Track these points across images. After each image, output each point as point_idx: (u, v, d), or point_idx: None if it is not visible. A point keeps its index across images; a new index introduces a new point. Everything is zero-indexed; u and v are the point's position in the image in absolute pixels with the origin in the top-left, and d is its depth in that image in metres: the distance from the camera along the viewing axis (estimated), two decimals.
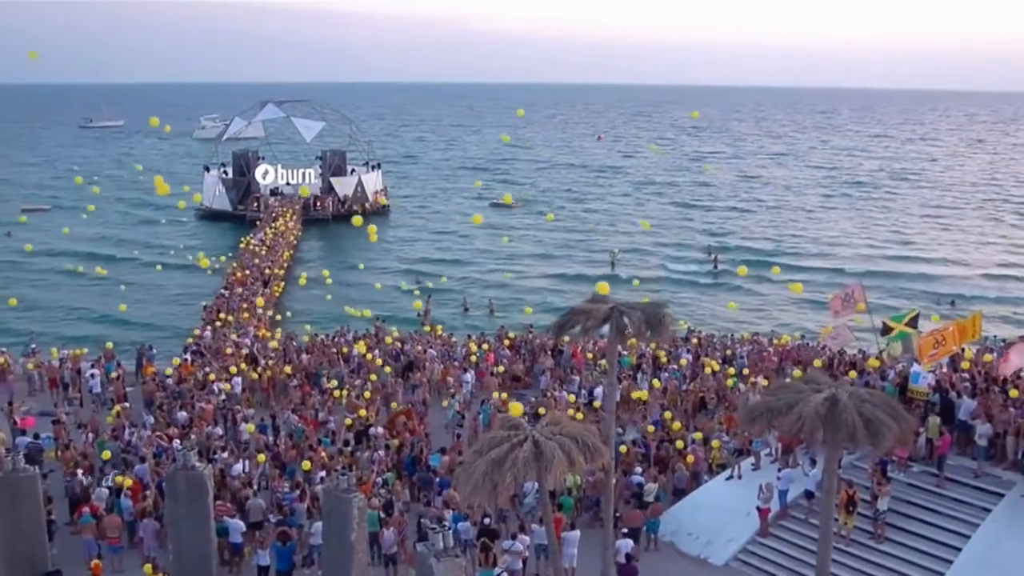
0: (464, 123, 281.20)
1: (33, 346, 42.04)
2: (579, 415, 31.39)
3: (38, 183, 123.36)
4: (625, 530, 24.12)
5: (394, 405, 34.48)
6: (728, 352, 41.89)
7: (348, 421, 31.73)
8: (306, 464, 26.89)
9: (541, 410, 30.13)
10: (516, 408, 24.69)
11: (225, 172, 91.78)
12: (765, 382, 34.82)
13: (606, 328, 22.61)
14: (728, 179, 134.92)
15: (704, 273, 72.85)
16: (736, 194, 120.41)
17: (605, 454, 20.77)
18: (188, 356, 39.77)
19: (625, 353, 39.19)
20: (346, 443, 29.48)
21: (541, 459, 18.99)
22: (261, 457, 28.19)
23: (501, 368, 38.98)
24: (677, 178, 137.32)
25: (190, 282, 64.37)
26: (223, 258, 59.71)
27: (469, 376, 37.89)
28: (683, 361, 39.55)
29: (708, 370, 37.39)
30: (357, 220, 40.41)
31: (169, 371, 37.96)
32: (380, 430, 30.86)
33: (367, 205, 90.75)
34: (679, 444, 29.28)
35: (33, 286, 64.15)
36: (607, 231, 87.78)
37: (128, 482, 25.68)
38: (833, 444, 19.05)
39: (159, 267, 63.17)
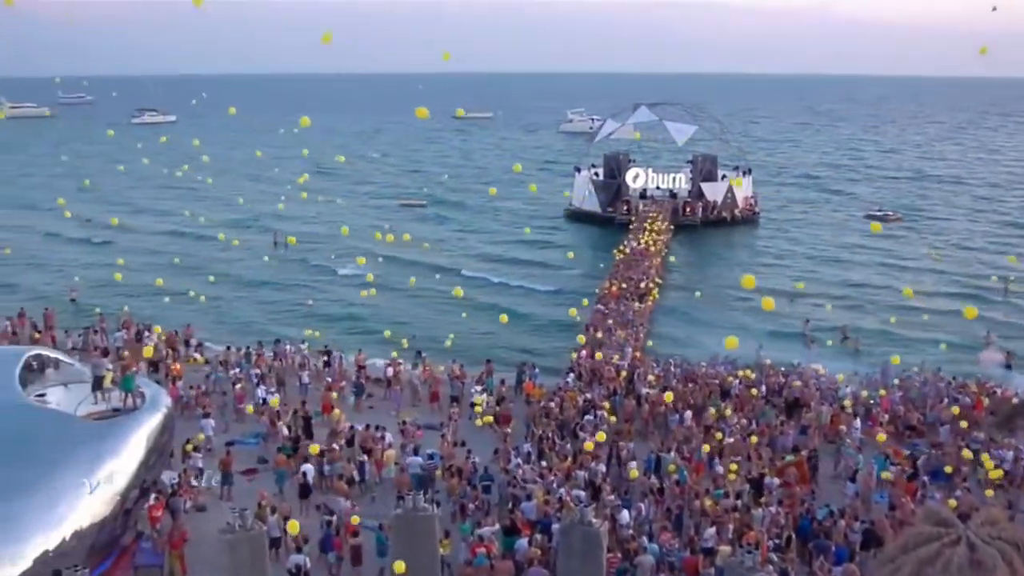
0: (812, 121, 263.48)
1: (424, 355, 43.04)
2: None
3: (414, 176, 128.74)
4: None
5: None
6: None
7: (733, 467, 30.03)
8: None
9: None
10: None
11: (596, 174, 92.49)
12: None
13: None
14: None
15: None
16: None
17: None
18: (569, 379, 39.25)
19: None
20: (738, 495, 27.81)
21: (978, 567, 16.95)
22: None
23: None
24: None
25: (565, 288, 63.52)
26: None
27: (857, 423, 35.09)
28: None
29: None
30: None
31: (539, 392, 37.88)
32: (775, 481, 28.98)
33: (737, 212, 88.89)
34: None
35: (410, 291, 61.38)
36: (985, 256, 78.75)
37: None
38: None
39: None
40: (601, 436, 31.15)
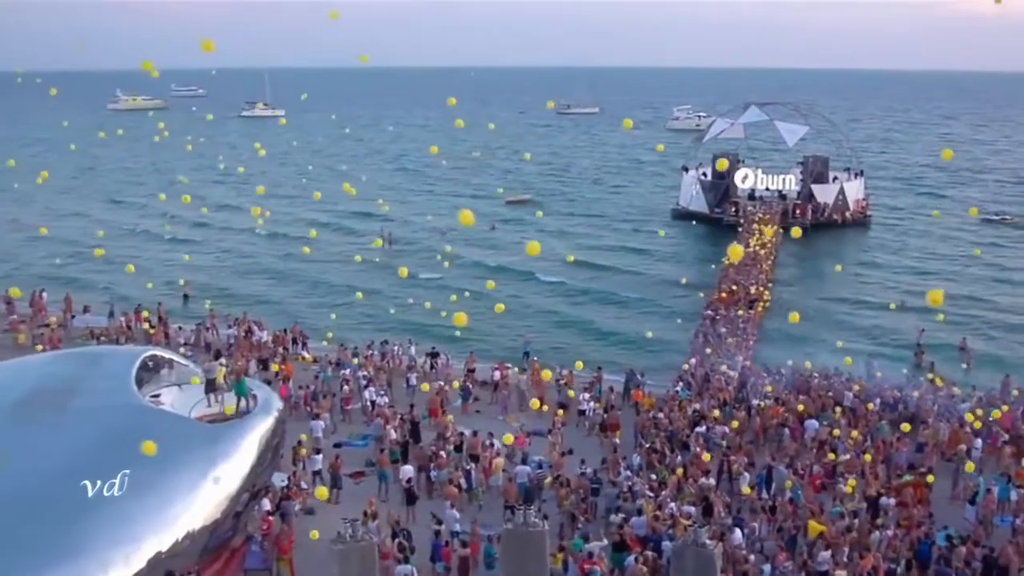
0: (921, 120, 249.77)
1: (533, 358, 42.48)
2: None
3: (517, 171, 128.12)
4: None
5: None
6: None
7: (850, 484, 28.79)
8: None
9: None
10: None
11: (704, 174, 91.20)
12: None
13: None
14: None
15: None
16: None
17: None
18: (677, 388, 38.32)
19: None
20: (854, 514, 26.73)
21: None
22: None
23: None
24: None
25: (675, 294, 60.78)
26: None
27: (978, 443, 33.25)
28: None
29: None
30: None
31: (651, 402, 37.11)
32: (891, 501, 27.86)
33: (847, 214, 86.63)
34: None
35: (514, 292, 60.85)
36: None
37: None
38: None
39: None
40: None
